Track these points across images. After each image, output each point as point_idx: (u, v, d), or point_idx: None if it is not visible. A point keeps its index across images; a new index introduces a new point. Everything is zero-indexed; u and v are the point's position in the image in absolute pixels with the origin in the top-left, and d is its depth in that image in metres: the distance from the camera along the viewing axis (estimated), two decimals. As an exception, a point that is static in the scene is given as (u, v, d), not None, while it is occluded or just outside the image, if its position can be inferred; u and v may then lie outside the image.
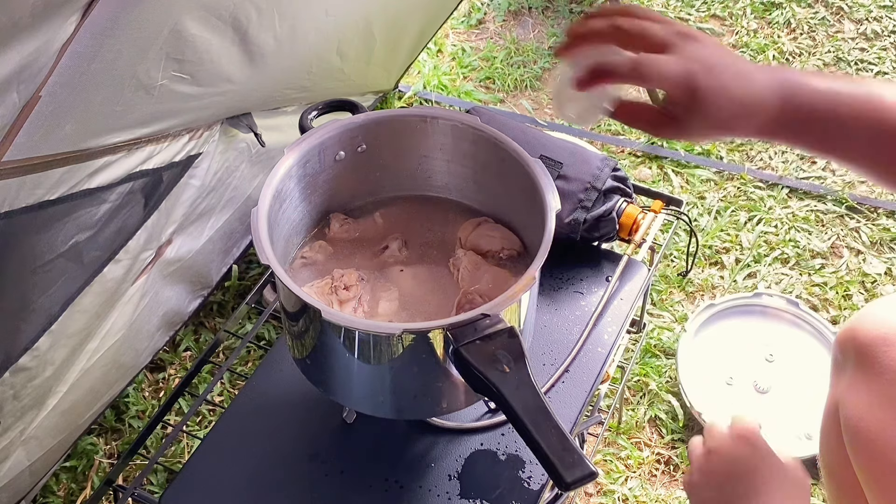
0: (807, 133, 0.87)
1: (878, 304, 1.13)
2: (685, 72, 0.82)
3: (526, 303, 0.97)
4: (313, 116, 1.14)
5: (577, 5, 2.45)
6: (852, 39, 2.36)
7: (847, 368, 1.10)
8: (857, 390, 1.07)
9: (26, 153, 0.99)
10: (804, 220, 1.97)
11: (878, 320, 1.08)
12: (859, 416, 1.06)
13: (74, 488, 1.57)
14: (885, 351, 1.05)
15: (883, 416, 1.03)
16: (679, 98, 0.84)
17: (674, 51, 0.83)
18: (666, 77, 0.83)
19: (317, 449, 1.11)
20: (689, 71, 0.82)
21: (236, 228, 1.65)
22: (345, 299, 1.04)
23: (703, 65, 0.83)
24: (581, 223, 1.24)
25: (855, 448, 1.06)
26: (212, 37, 1.19)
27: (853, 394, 1.07)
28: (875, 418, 1.04)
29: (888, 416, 1.03)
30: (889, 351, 1.04)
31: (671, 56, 0.83)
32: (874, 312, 1.10)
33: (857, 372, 1.08)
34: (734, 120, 0.85)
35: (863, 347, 1.07)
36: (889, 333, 1.05)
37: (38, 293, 1.17)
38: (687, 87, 0.82)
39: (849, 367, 1.10)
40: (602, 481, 1.60)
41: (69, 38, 0.93)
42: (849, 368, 1.10)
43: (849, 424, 1.07)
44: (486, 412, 1.13)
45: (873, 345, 1.06)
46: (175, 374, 1.72)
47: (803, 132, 0.87)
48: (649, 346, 1.75)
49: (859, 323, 1.10)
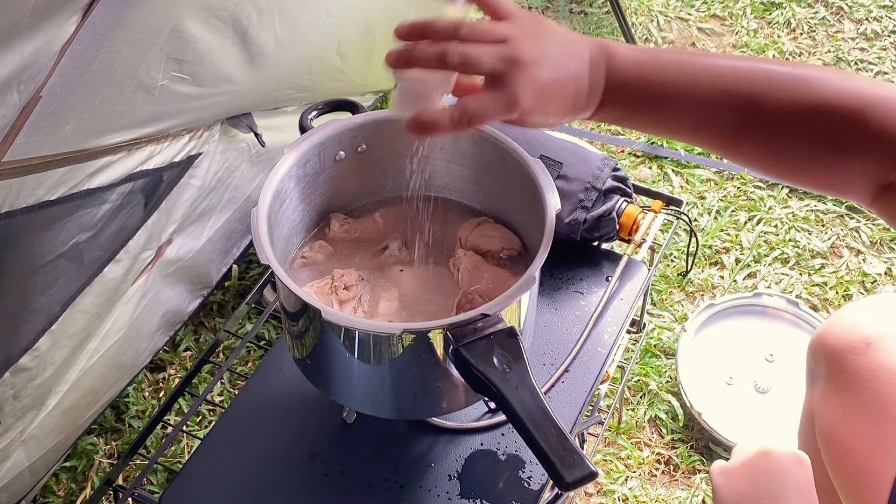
0: (636, 103, 0.84)
1: (846, 311, 1.13)
2: (507, 62, 0.78)
3: (526, 303, 0.97)
4: (313, 116, 1.14)
5: (577, 5, 2.45)
6: (852, 39, 2.36)
7: (819, 377, 1.11)
8: (829, 399, 1.07)
9: (26, 153, 0.99)
10: (804, 220, 1.97)
11: (846, 327, 1.08)
12: (833, 426, 1.06)
13: (74, 488, 1.57)
14: (854, 360, 1.05)
15: (855, 424, 1.04)
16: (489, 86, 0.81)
17: (494, 82, 0.80)
18: (485, 69, 0.79)
19: (317, 449, 1.11)
20: (509, 66, 0.78)
21: (236, 228, 1.65)
22: (345, 299, 1.04)
23: (522, 68, 0.79)
24: (581, 223, 1.24)
25: (830, 456, 1.06)
26: (212, 37, 1.19)
27: (826, 403, 1.08)
28: (848, 427, 1.04)
29: (860, 425, 1.03)
30: (857, 360, 1.05)
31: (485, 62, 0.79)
32: (842, 319, 1.11)
33: (829, 381, 1.08)
34: (552, 112, 0.82)
35: (832, 356, 1.08)
36: (857, 342, 1.05)
37: (39, 293, 1.17)
38: (504, 83, 0.79)
39: (821, 376, 1.10)
40: (602, 481, 1.60)
41: (70, 39, 0.93)
42: (821, 377, 1.10)
43: (823, 433, 1.07)
44: (486, 412, 1.13)
45: (842, 353, 1.06)
46: (175, 374, 1.72)
47: (633, 101, 0.84)
48: (649, 346, 1.75)
49: (829, 331, 1.11)
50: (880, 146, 0.78)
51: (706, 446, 1.64)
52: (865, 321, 1.08)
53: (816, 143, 0.81)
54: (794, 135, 0.81)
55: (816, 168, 0.82)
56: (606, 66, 0.82)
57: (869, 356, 1.04)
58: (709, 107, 0.82)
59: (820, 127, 0.79)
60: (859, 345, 1.05)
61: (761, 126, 0.82)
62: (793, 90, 0.80)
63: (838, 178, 0.82)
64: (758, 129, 0.82)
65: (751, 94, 0.81)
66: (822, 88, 0.79)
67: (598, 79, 0.82)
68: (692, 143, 0.94)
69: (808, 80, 0.80)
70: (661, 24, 2.39)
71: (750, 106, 0.81)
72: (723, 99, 0.81)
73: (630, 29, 2.22)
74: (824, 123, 0.79)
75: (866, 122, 0.78)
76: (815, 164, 0.82)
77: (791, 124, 0.80)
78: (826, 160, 0.81)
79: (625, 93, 0.83)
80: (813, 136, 0.80)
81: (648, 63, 0.83)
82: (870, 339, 1.05)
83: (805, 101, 0.79)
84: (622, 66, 0.82)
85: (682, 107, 0.82)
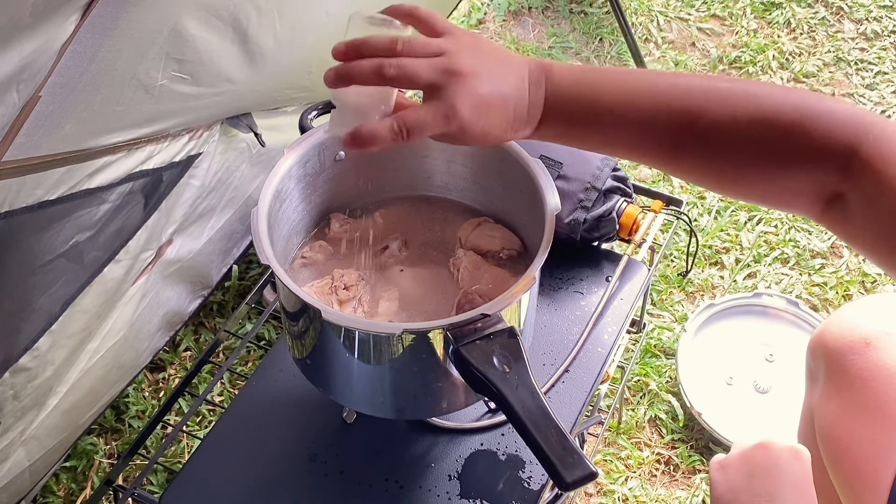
0: (569, 119, 0.84)
1: (845, 311, 1.13)
2: (444, 85, 0.79)
3: (526, 303, 0.97)
4: (313, 116, 1.14)
5: (577, 5, 2.45)
6: (852, 39, 2.36)
7: (819, 377, 1.11)
8: (829, 400, 1.08)
9: (26, 153, 0.99)
10: (804, 220, 1.97)
11: (844, 327, 1.08)
12: (832, 426, 1.06)
13: (74, 488, 1.57)
14: (853, 360, 1.05)
15: (854, 424, 1.04)
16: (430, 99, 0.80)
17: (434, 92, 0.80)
18: (420, 84, 0.80)
19: (317, 449, 1.11)
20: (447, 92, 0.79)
21: (236, 229, 1.65)
22: (345, 299, 1.04)
23: (459, 87, 0.79)
24: (581, 223, 1.24)
25: (829, 455, 1.06)
26: (212, 37, 1.19)
27: (826, 402, 1.08)
28: (847, 427, 1.04)
29: (858, 425, 1.03)
30: (856, 360, 1.05)
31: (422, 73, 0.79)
32: (841, 319, 1.11)
33: (829, 381, 1.08)
34: (492, 132, 0.82)
35: (832, 355, 1.08)
36: (855, 341, 1.06)
37: (39, 293, 1.17)
38: (443, 108, 0.79)
39: (820, 376, 1.10)
40: (602, 481, 1.60)
41: (69, 38, 0.93)
42: (820, 377, 1.10)
43: (823, 434, 1.07)
44: (486, 412, 1.13)
45: (841, 353, 1.06)
46: (175, 374, 1.72)
47: (567, 117, 0.84)
48: (649, 346, 1.75)
49: (828, 330, 1.11)
50: (824, 157, 0.77)
51: (706, 446, 1.64)
52: (865, 321, 1.08)
53: (758, 157, 0.80)
54: (734, 148, 0.81)
55: (759, 181, 0.82)
56: (546, 83, 0.83)
57: (868, 356, 1.04)
58: (647, 122, 0.82)
59: (760, 140, 0.79)
60: (858, 344, 1.05)
61: (700, 140, 0.81)
62: (731, 104, 0.80)
63: (783, 191, 0.82)
64: (696, 143, 0.82)
65: (688, 108, 0.81)
66: (760, 102, 0.79)
67: (538, 95, 0.82)
68: (634, 160, 0.94)
69: (746, 94, 0.81)
70: (661, 24, 2.39)
71: (687, 120, 0.81)
72: (661, 113, 0.81)
73: (630, 29, 2.22)
74: (765, 136, 0.79)
75: (807, 134, 0.77)
76: (758, 177, 0.82)
77: (731, 137, 0.80)
78: (769, 174, 0.81)
79: (564, 109, 0.83)
80: (755, 149, 0.80)
81: (586, 80, 0.83)
82: (869, 339, 1.05)
83: (743, 115, 0.79)
84: (561, 83, 0.83)
85: (620, 122, 0.83)
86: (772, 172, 0.80)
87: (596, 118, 0.83)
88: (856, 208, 0.77)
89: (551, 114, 0.83)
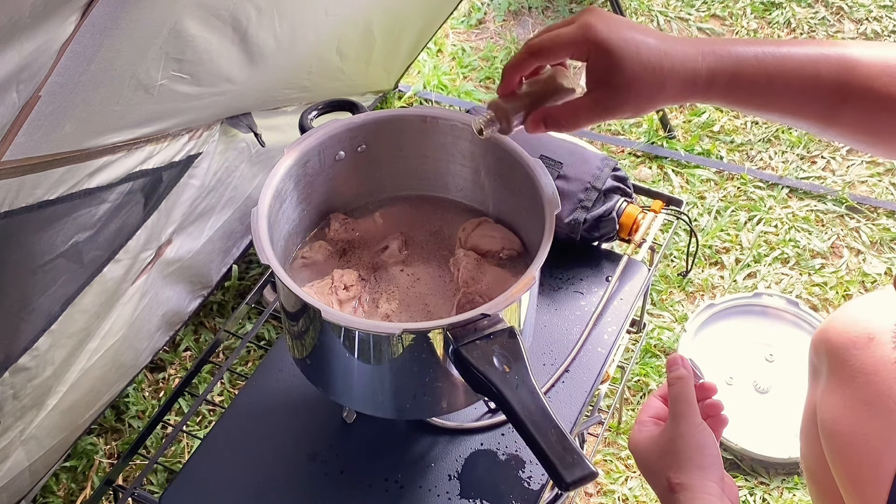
0: (735, 86, 0.86)
1: (849, 307, 1.13)
2: (581, 25, 0.83)
3: (526, 303, 0.97)
4: (313, 116, 1.14)
5: (576, 5, 2.45)
6: (852, 39, 2.36)
7: (822, 372, 1.11)
8: (831, 394, 1.07)
9: (26, 153, 0.99)
10: (804, 220, 1.97)
11: (848, 323, 1.08)
12: (834, 420, 1.06)
13: (74, 488, 1.57)
14: (856, 354, 1.05)
15: (856, 419, 1.04)
16: (591, 62, 0.84)
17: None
18: (564, 41, 0.84)
19: (317, 449, 1.11)
20: (584, 24, 0.83)
21: (236, 228, 1.65)
22: (345, 299, 1.04)
23: (597, 16, 0.83)
24: (581, 223, 1.24)
25: (831, 450, 1.06)
26: (212, 37, 1.19)
27: (828, 397, 1.08)
28: (849, 422, 1.04)
29: (861, 420, 1.03)
30: (859, 354, 1.05)
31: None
32: (845, 315, 1.11)
33: (832, 376, 1.08)
34: (656, 74, 0.83)
35: (834, 351, 1.08)
36: (859, 337, 1.06)
37: (38, 293, 1.17)
38: (587, 40, 0.83)
39: (823, 371, 1.10)
40: (602, 481, 1.60)
41: (69, 38, 0.93)
42: (823, 372, 1.10)
43: (825, 428, 1.07)
44: (486, 412, 1.13)
45: (844, 348, 1.06)
46: (175, 374, 1.72)
47: (733, 85, 0.86)
48: (649, 346, 1.75)
49: (831, 326, 1.11)
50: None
51: (706, 446, 1.64)
52: (868, 316, 1.08)
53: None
54: (887, 109, 0.83)
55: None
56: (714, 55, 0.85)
57: (871, 351, 1.04)
58: (803, 94, 0.85)
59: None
60: (861, 339, 1.05)
61: (855, 101, 0.84)
62: (881, 64, 0.83)
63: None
64: (851, 105, 0.84)
65: (840, 75, 0.84)
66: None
67: (708, 64, 0.84)
68: (790, 125, 0.96)
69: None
70: (661, 24, 2.39)
71: (840, 86, 0.84)
72: (815, 84, 0.84)
73: (630, 29, 2.21)
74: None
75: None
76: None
77: (883, 99, 0.83)
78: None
79: (725, 85, 0.85)
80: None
81: (744, 59, 0.85)
82: (872, 334, 1.05)
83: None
84: (725, 61, 0.85)
85: (782, 89, 0.86)
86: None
87: (754, 96, 0.86)
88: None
89: (708, 85, 0.85)
